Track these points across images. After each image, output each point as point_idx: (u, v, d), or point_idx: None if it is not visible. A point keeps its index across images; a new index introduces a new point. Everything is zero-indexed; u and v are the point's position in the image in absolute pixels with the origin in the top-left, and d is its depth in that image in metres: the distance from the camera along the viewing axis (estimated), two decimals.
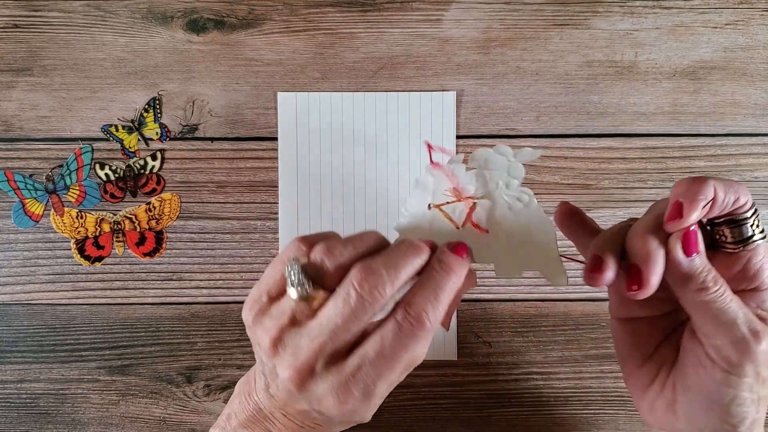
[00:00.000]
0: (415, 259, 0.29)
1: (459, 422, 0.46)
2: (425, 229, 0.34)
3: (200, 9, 0.45)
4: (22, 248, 0.45)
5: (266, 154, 0.46)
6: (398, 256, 0.28)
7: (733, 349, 0.28)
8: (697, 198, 0.28)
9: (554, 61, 0.46)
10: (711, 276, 0.28)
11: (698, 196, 0.28)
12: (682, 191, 0.28)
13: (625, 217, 0.46)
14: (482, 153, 0.33)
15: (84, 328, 0.45)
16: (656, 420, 0.33)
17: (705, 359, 0.29)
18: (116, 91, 0.45)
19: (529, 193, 0.33)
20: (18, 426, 0.45)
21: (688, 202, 0.28)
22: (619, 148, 0.46)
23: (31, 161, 0.45)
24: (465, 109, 0.46)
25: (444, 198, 0.34)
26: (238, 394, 0.34)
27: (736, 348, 0.28)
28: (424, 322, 0.28)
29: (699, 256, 0.28)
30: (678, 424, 0.32)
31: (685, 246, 0.28)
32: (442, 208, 0.33)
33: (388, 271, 0.28)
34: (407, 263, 0.28)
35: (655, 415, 0.33)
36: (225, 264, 0.46)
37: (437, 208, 0.34)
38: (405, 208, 0.34)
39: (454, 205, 0.33)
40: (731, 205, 0.29)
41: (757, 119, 0.46)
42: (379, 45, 0.46)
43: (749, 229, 0.29)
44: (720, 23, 0.46)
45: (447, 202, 0.34)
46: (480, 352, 0.46)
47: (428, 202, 0.34)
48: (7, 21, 0.45)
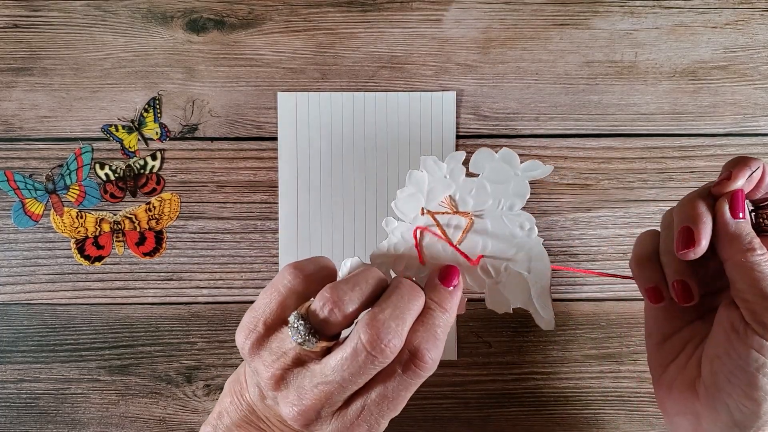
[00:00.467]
0: (417, 304, 0.29)
1: (459, 422, 0.46)
2: (407, 250, 0.32)
3: (200, 9, 0.45)
4: (22, 248, 0.45)
5: (266, 154, 0.46)
6: (402, 305, 0.29)
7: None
8: (746, 165, 0.30)
9: (554, 61, 0.46)
10: (757, 241, 0.29)
11: (747, 164, 0.30)
12: (732, 163, 0.30)
13: (624, 216, 0.46)
14: (485, 157, 0.31)
15: (84, 328, 0.45)
16: (673, 403, 0.33)
17: (739, 323, 0.29)
18: (116, 91, 0.45)
19: (531, 221, 0.31)
20: (18, 426, 0.45)
21: (738, 169, 0.30)
22: (619, 148, 0.46)
23: (31, 161, 0.45)
24: (465, 109, 0.46)
25: (438, 207, 0.32)
26: (228, 393, 0.33)
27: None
28: (428, 363, 0.28)
29: (745, 220, 0.30)
30: (696, 404, 0.31)
31: (732, 207, 0.29)
32: (436, 218, 0.32)
33: (397, 323, 0.28)
34: (411, 311, 0.29)
35: (673, 396, 0.32)
36: (225, 264, 0.46)
37: (431, 216, 0.32)
38: (396, 205, 0.32)
39: (449, 217, 0.32)
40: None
41: (757, 119, 0.46)
42: (379, 45, 0.46)
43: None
44: (720, 23, 0.46)
45: (442, 212, 0.32)
46: (480, 352, 0.46)
47: (421, 205, 0.32)
48: (7, 21, 0.45)
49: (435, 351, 0.29)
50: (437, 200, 0.32)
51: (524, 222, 0.31)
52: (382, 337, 0.27)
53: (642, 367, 0.46)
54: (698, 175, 0.46)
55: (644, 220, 0.46)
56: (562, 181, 0.46)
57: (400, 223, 0.32)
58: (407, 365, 0.28)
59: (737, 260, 0.29)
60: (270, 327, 0.29)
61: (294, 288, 0.29)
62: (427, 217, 0.32)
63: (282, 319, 0.29)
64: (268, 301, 0.29)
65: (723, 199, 0.30)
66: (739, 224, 0.29)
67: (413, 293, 0.29)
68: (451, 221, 0.32)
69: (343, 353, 0.27)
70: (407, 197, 0.32)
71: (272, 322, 0.29)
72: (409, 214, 0.32)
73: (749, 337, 0.29)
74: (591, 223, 0.46)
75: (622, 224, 0.46)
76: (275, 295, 0.29)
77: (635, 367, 0.46)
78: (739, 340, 0.29)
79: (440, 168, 0.31)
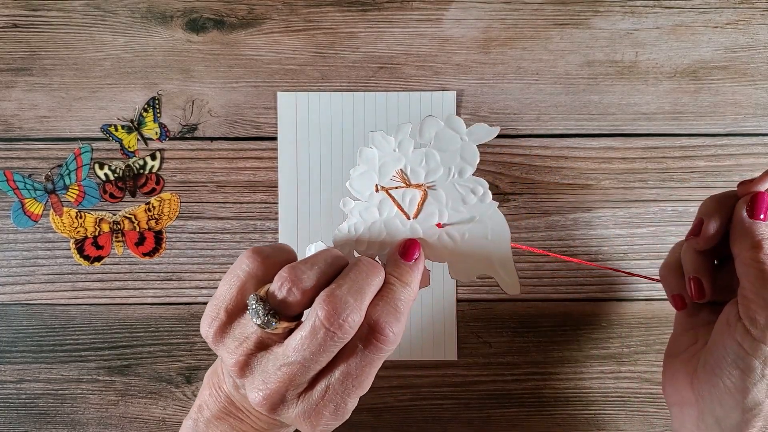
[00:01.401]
0: (376, 279, 0.29)
1: (459, 422, 0.46)
2: (366, 229, 0.32)
3: (200, 9, 0.45)
4: (22, 248, 0.45)
5: (266, 154, 0.46)
6: (361, 280, 0.28)
7: (764, 312, 0.29)
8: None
9: (554, 61, 0.46)
10: (767, 241, 0.30)
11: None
12: (763, 174, 0.32)
13: (625, 216, 0.46)
14: (431, 125, 0.30)
15: (83, 328, 0.45)
16: (673, 390, 0.34)
17: (733, 318, 0.30)
18: (116, 90, 0.45)
19: (483, 185, 0.31)
20: (17, 426, 0.45)
21: (763, 175, 0.31)
22: (619, 148, 0.46)
23: (30, 161, 0.45)
24: (465, 109, 0.46)
25: (391, 182, 0.31)
26: (207, 385, 0.33)
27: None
28: (388, 336, 0.28)
29: (762, 222, 0.30)
30: (690, 394, 0.32)
31: (752, 207, 0.30)
32: (390, 193, 0.31)
33: (355, 297, 0.27)
34: (370, 286, 0.28)
35: (674, 383, 0.33)
36: (225, 264, 0.45)
37: (385, 192, 0.31)
38: (350, 185, 0.31)
39: (403, 191, 0.31)
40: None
41: (757, 119, 0.46)
42: (379, 45, 0.45)
43: None
44: (721, 23, 0.46)
45: (396, 187, 0.31)
46: (480, 352, 0.46)
47: (374, 182, 0.31)
48: (7, 21, 0.45)
49: (396, 325, 0.28)
50: (389, 175, 0.31)
51: (476, 187, 0.31)
52: (340, 312, 0.26)
53: (642, 368, 0.46)
54: (699, 175, 0.46)
55: (645, 220, 0.46)
56: (562, 181, 0.46)
57: (357, 203, 0.32)
58: (368, 340, 0.28)
59: (744, 257, 0.30)
60: (232, 313, 0.29)
61: (252, 272, 0.29)
62: (382, 193, 0.32)
63: (243, 305, 0.29)
64: (228, 288, 0.29)
65: (743, 200, 0.31)
66: (754, 223, 0.30)
67: (372, 269, 0.29)
68: (405, 195, 0.31)
69: (303, 332, 0.27)
70: (360, 176, 0.31)
71: (233, 309, 0.29)
72: (365, 193, 0.32)
73: (737, 330, 0.29)
74: (591, 223, 0.46)
75: (623, 224, 0.46)
76: (234, 280, 0.29)
77: (635, 367, 0.46)
78: (728, 333, 0.30)
79: (389, 142, 0.31)
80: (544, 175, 0.46)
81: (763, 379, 0.29)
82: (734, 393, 0.30)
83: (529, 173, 0.46)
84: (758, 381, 0.29)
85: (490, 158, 0.46)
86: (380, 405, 0.45)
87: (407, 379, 0.46)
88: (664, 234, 0.46)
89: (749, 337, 0.29)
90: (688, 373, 0.33)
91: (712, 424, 0.31)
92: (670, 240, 0.46)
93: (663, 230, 0.46)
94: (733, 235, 0.31)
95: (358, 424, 0.45)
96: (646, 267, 0.46)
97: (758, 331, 0.29)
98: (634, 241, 0.46)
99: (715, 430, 0.31)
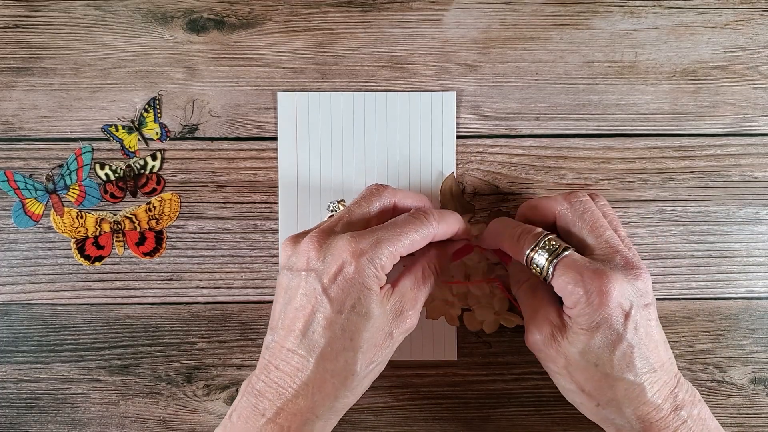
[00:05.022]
0: (420, 200, 0.40)
1: (459, 422, 0.46)
2: None
3: (200, 9, 0.45)
4: (22, 248, 0.45)
5: (266, 154, 0.46)
6: (448, 219, 0.38)
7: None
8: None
9: (554, 61, 0.46)
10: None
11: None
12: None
13: (624, 216, 0.46)
14: None
15: (84, 328, 0.45)
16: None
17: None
18: (116, 91, 0.45)
19: None
20: (18, 426, 0.45)
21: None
22: (619, 148, 0.46)
23: (31, 161, 0.45)
24: (465, 109, 0.46)
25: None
26: (239, 394, 0.36)
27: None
28: (429, 215, 0.36)
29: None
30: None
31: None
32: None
33: (393, 189, 0.39)
34: (413, 199, 0.40)
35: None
36: (225, 264, 0.46)
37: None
38: None
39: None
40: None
41: (757, 119, 0.46)
42: (379, 45, 0.46)
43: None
44: (720, 23, 0.46)
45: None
46: (480, 352, 0.46)
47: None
48: (7, 21, 0.45)
49: (438, 214, 0.37)
50: None
51: None
52: (380, 186, 0.39)
53: None
54: (698, 175, 0.46)
55: (644, 220, 0.46)
56: (562, 181, 0.46)
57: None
58: (414, 213, 0.37)
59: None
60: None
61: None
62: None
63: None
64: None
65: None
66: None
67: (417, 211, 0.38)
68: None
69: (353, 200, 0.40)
70: None
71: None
72: None
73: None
74: None
75: (622, 224, 0.46)
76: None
77: None
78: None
79: None
80: (543, 175, 0.46)
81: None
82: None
83: (529, 173, 0.46)
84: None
85: (489, 158, 0.46)
86: (380, 405, 0.46)
87: (407, 378, 0.46)
88: (663, 234, 0.46)
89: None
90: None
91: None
92: (670, 240, 0.46)
93: (662, 230, 0.46)
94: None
95: (358, 424, 0.45)
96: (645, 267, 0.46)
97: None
98: (633, 241, 0.46)
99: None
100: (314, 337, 0.33)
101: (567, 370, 0.36)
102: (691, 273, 0.46)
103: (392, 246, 0.34)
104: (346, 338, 0.33)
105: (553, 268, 0.35)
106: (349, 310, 0.33)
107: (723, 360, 0.46)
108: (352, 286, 0.33)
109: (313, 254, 0.34)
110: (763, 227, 0.46)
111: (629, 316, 0.34)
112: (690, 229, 0.46)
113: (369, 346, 0.34)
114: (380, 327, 0.34)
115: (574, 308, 0.34)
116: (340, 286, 0.33)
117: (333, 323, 0.33)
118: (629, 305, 0.34)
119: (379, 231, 0.35)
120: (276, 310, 0.35)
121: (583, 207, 0.38)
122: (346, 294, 0.33)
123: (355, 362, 0.33)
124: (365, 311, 0.33)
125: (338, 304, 0.33)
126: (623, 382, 0.34)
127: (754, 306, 0.46)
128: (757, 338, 0.46)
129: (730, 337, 0.46)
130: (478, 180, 0.46)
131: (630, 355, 0.34)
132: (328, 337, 0.33)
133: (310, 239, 0.35)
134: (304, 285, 0.34)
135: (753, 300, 0.46)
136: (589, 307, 0.34)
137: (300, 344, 0.33)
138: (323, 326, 0.33)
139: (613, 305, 0.33)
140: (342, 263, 0.33)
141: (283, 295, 0.35)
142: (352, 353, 0.33)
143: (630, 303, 0.34)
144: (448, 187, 0.45)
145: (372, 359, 0.34)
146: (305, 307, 0.33)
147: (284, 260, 0.36)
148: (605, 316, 0.33)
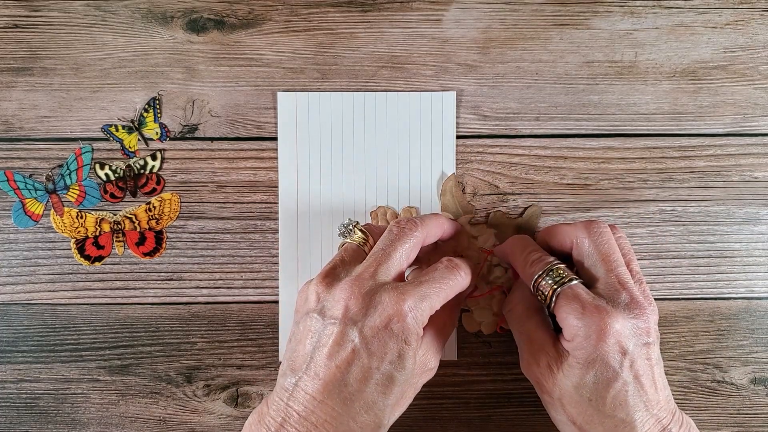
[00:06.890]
0: (446, 226, 0.41)
1: (459, 422, 0.46)
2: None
3: (200, 9, 0.45)
4: (22, 248, 0.45)
5: (266, 154, 0.46)
6: (430, 222, 0.39)
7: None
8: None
9: (554, 61, 0.46)
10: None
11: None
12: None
13: (624, 216, 0.46)
14: None
15: (84, 328, 0.45)
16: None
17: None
18: (116, 91, 0.45)
19: None
20: (18, 426, 0.45)
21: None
22: (619, 148, 0.46)
23: (31, 161, 0.45)
24: (465, 109, 0.46)
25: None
26: (247, 425, 0.35)
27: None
28: (461, 269, 0.37)
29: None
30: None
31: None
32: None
33: (419, 218, 0.39)
34: (439, 226, 0.40)
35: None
36: (225, 264, 0.46)
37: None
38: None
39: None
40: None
41: (757, 119, 0.46)
42: (379, 45, 0.46)
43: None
44: (720, 23, 0.46)
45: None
46: (480, 352, 0.46)
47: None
48: (7, 21, 0.45)
49: (465, 267, 0.38)
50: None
51: None
52: (408, 221, 0.38)
53: None
54: (698, 175, 0.46)
55: (644, 220, 0.46)
56: (562, 181, 0.46)
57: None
58: (446, 263, 0.37)
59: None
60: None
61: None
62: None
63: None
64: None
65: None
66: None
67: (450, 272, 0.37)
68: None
69: (382, 237, 0.39)
70: None
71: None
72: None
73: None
74: None
75: (622, 224, 0.46)
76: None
77: None
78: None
79: None
80: (543, 175, 0.46)
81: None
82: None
83: (529, 173, 0.46)
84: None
85: (489, 158, 0.46)
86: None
87: None
88: (663, 234, 0.46)
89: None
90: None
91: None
92: (670, 240, 0.46)
93: (662, 230, 0.46)
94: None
95: None
96: (645, 267, 0.46)
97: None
98: (633, 241, 0.46)
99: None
100: (348, 390, 0.32)
101: (560, 402, 0.36)
102: (691, 273, 0.46)
103: (434, 302, 0.35)
104: (379, 392, 0.33)
105: (556, 297, 0.35)
106: (387, 364, 0.33)
107: (723, 360, 0.46)
108: (396, 341, 0.33)
109: (353, 303, 0.33)
110: (763, 227, 0.46)
111: (627, 354, 0.34)
112: (690, 229, 0.46)
113: (397, 398, 0.34)
114: (410, 380, 0.34)
115: (572, 341, 0.35)
116: (383, 340, 0.33)
117: (369, 377, 0.32)
118: (628, 344, 0.34)
119: (423, 287, 0.34)
120: (299, 352, 0.34)
121: (600, 238, 0.37)
122: (386, 348, 0.33)
123: (383, 416, 0.33)
124: (402, 365, 0.33)
125: (378, 359, 0.32)
126: (613, 420, 0.34)
127: (754, 306, 0.46)
128: (757, 338, 0.46)
129: (730, 337, 0.46)
130: (478, 180, 0.46)
131: (624, 393, 0.34)
132: (363, 391, 0.32)
133: (348, 286, 0.34)
134: (341, 335, 0.33)
135: (753, 300, 0.46)
136: (587, 341, 0.34)
137: (330, 395, 0.32)
138: (359, 380, 0.32)
139: (610, 342, 0.33)
140: (388, 319, 0.33)
141: (311, 339, 0.34)
142: (382, 406, 0.33)
143: (629, 342, 0.34)
144: (448, 187, 0.45)
145: (397, 412, 0.35)
146: (339, 356, 0.32)
147: (313, 304, 0.35)
148: (602, 352, 0.33)
